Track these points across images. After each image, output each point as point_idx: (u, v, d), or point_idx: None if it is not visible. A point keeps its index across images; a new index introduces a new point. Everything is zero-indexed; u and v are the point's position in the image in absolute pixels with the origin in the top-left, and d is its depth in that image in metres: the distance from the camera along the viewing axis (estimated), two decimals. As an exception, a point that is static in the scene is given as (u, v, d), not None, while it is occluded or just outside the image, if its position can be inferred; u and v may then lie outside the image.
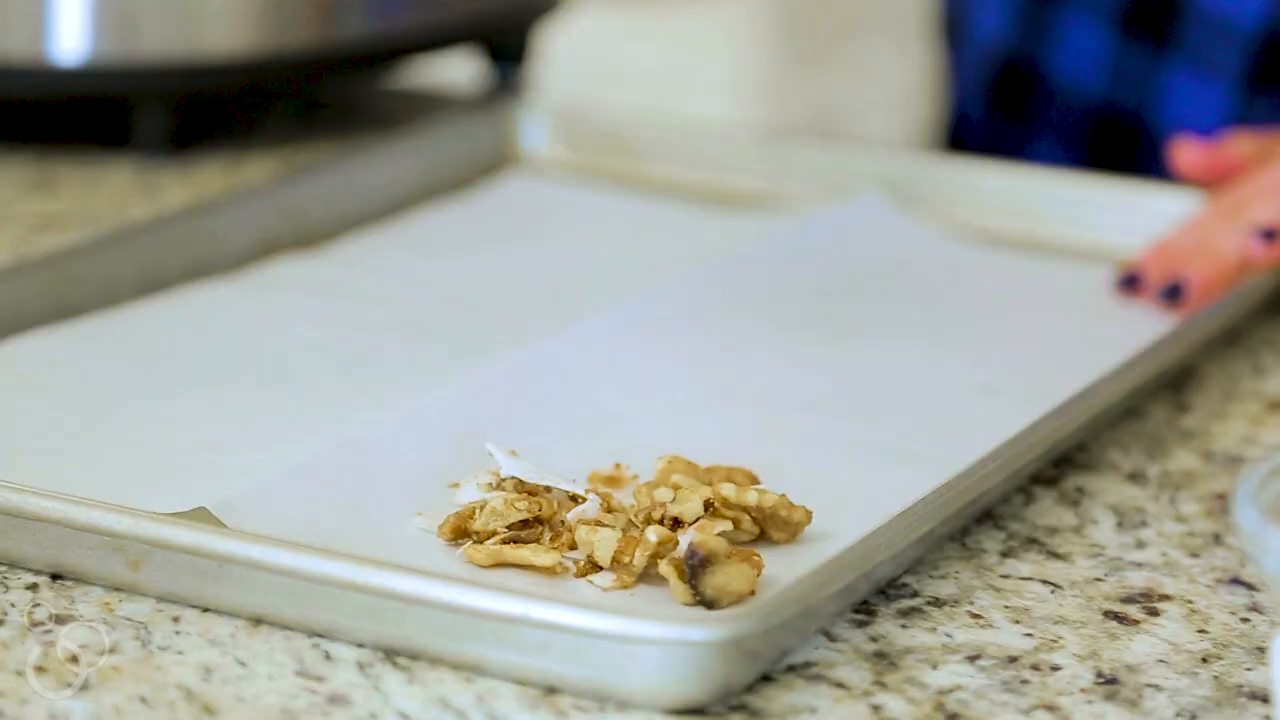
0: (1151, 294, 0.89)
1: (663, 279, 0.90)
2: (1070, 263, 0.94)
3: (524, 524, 0.66)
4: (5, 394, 0.76)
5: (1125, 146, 1.10)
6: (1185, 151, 0.96)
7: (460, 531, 0.67)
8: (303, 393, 0.75)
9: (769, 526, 0.67)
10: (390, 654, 0.62)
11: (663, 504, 0.67)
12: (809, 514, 0.68)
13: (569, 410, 0.76)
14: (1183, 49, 1.06)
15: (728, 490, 0.67)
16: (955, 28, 1.20)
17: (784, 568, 0.65)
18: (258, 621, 0.64)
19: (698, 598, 0.63)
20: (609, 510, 0.68)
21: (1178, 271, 0.88)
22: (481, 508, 0.66)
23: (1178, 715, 0.61)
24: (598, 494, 0.68)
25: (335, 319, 0.85)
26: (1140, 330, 0.85)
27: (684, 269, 0.91)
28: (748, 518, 0.67)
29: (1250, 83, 1.06)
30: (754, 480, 0.70)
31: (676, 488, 0.68)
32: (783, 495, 0.67)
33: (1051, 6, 1.10)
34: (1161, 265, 0.89)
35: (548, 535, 0.67)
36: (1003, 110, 1.14)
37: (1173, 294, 0.88)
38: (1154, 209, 0.95)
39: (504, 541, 0.66)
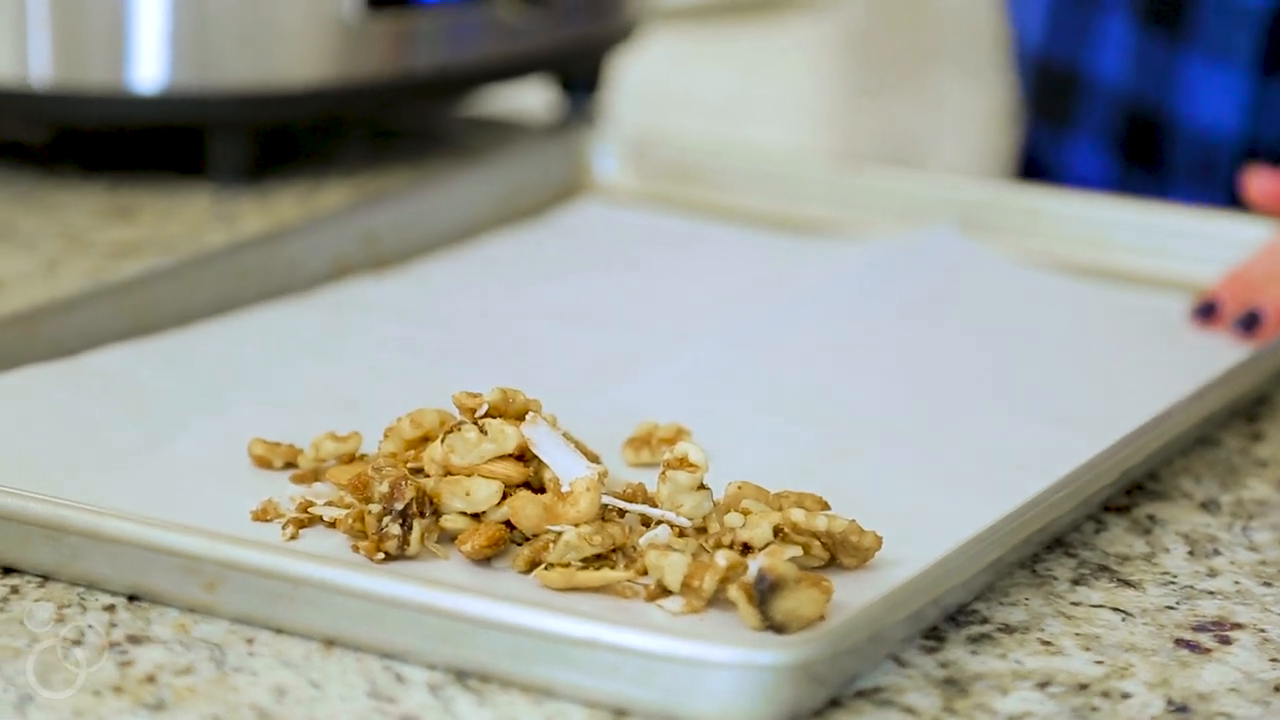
0: (1227, 323, 0.88)
1: (735, 308, 0.90)
2: (1144, 291, 0.94)
3: (599, 557, 0.67)
4: (77, 405, 0.77)
5: (1152, 138, 1.09)
6: (1257, 181, 0.95)
7: (534, 564, 0.67)
8: (371, 415, 0.75)
9: (839, 552, 0.67)
10: (461, 676, 0.63)
11: (732, 529, 0.67)
12: (879, 539, 0.68)
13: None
14: (1197, 36, 1.05)
15: (797, 515, 0.67)
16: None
17: (853, 593, 0.65)
18: (330, 643, 0.64)
19: (767, 622, 0.63)
20: (679, 535, 0.68)
21: (1253, 300, 0.88)
22: (556, 540, 0.67)
23: (1249, 744, 0.61)
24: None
25: (406, 341, 0.86)
26: (1214, 359, 0.84)
27: (757, 297, 0.92)
28: (817, 543, 0.67)
29: (1264, 66, 1.04)
30: (824, 505, 0.70)
31: (746, 513, 0.68)
32: (853, 521, 0.67)
33: (1085, 9, 1.10)
34: (1236, 294, 0.89)
35: (622, 563, 0.67)
36: (1046, 114, 1.14)
37: (1249, 323, 0.87)
38: (1228, 237, 0.95)
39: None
